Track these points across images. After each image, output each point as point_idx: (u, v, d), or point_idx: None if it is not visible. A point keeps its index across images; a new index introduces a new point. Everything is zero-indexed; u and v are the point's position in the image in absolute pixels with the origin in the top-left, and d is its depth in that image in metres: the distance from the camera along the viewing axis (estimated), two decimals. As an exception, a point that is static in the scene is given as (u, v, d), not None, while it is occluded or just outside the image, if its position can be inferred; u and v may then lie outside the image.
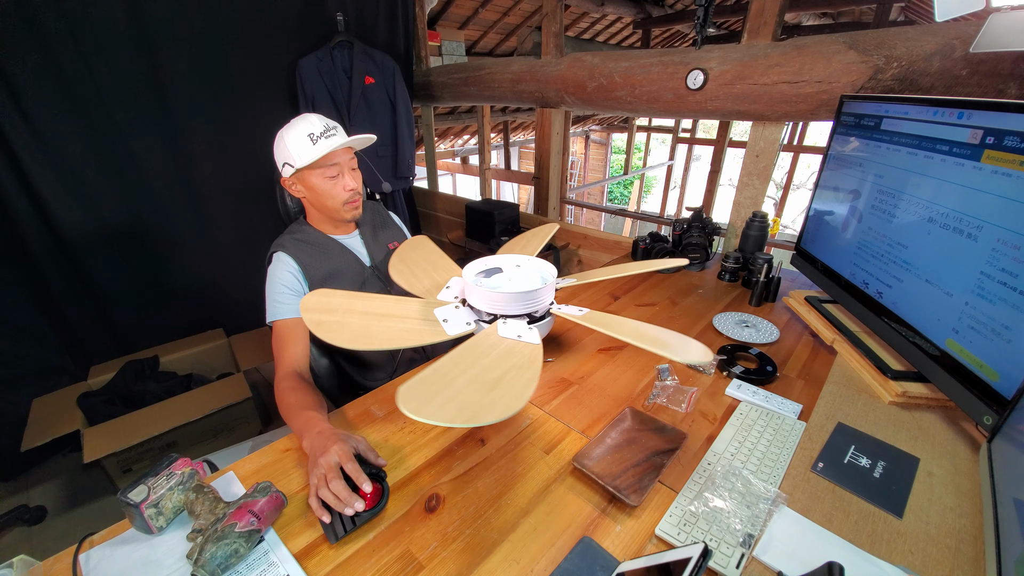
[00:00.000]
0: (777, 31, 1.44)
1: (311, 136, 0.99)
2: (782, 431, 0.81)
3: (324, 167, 1.02)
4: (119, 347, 1.96)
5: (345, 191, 1.05)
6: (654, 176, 10.23)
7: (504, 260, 0.98)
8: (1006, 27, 0.91)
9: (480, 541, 0.64)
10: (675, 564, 0.45)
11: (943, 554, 0.60)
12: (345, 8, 2.21)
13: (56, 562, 0.63)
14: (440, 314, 0.83)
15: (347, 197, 1.06)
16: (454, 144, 6.11)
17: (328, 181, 1.03)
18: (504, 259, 0.99)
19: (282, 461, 0.79)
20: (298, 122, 1.01)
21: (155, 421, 1.56)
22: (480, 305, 0.84)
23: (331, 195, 1.05)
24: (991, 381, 0.73)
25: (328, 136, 1.00)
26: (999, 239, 0.74)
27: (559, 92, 2.07)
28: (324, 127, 1.01)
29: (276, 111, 2.17)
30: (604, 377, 0.99)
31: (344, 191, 1.05)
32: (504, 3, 3.72)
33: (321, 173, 1.02)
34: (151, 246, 1.96)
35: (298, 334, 1.00)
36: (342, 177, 1.05)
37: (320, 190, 1.04)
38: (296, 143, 0.99)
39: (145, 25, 1.71)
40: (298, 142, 0.99)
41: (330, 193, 1.04)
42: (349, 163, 1.06)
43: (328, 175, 1.03)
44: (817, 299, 1.23)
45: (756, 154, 1.58)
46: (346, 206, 1.07)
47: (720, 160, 4.75)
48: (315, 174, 1.02)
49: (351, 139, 1.04)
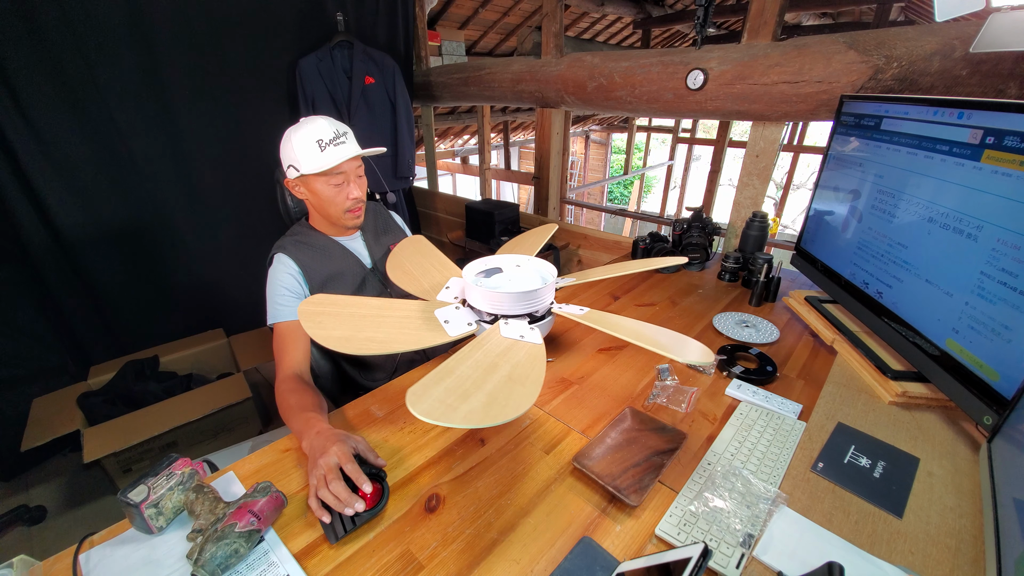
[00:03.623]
0: (777, 31, 1.44)
1: (320, 142, 0.97)
2: (782, 431, 0.81)
3: (330, 175, 1.00)
4: (119, 347, 1.96)
5: (349, 199, 1.04)
6: (654, 176, 10.23)
7: (504, 260, 0.98)
8: (1006, 27, 0.91)
9: (480, 541, 0.64)
10: (675, 564, 0.45)
11: (943, 554, 0.60)
12: (345, 8, 2.21)
13: (56, 562, 0.63)
14: (441, 315, 0.83)
15: (350, 206, 1.05)
16: (454, 144, 6.11)
17: (333, 188, 1.02)
18: (504, 259, 0.99)
19: (282, 461, 0.79)
20: (307, 124, 0.98)
21: (155, 421, 1.56)
22: (481, 305, 0.84)
23: (334, 203, 1.03)
24: (991, 381, 0.73)
25: (337, 144, 0.98)
26: (999, 239, 0.74)
27: (559, 92, 2.07)
28: (334, 133, 0.98)
29: (276, 111, 2.17)
30: (604, 377, 0.99)
31: (348, 199, 1.04)
32: (504, 3, 3.72)
33: (326, 180, 1.01)
34: (151, 246, 1.96)
35: (299, 336, 1.00)
36: (347, 186, 1.03)
37: (324, 196, 1.02)
38: (303, 147, 0.97)
39: (145, 25, 1.71)
40: (306, 146, 0.97)
41: (333, 201, 1.03)
42: (356, 171, 1.04)
43: (333, 183, 1.01)
44: (817, 299, 1.23)
45: (756, 154, 1.58)
46: (348, 214, 1.06)
47: (720, 160, 4.75)
48: (320, 180, 1.01)
49: (366, 151, 1.02)
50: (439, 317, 0.83)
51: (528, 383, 0.63)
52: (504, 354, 0.70)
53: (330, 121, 1.00)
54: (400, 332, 0.78)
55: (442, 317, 0.83)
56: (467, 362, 0.68)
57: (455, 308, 0.87)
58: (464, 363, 0.67)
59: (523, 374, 0.65)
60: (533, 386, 0.62)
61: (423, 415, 0.54)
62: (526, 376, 0.64)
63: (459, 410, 0.56)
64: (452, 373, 0.64)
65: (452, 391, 0.60)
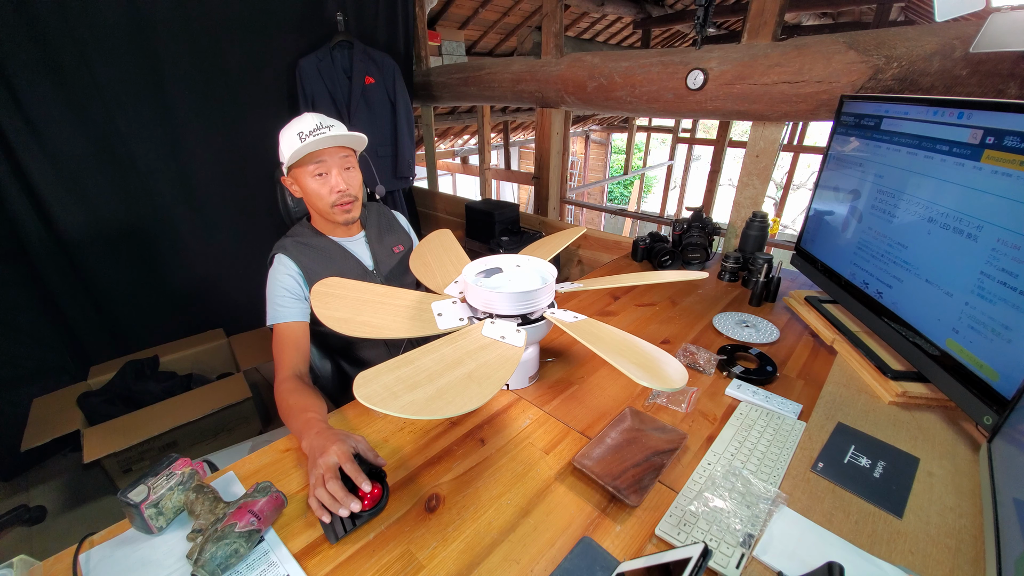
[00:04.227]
0: (777, 31, 1.44)
1: (300, 134, 0.97)
2: (782, 431, 0.81)
3: (311, 165, 0.99)
4: (119, 347, 1.96)
5: (334, 192, 1.02)
6: (654, 176, 10.23)
7: (504, 260, 0.98)
8: (1006, 27, 0.91)
9: (480, 541, 0.64)
10: (675, 564, 0.45)
11: (943, 554, 0.60)
12: (345, 8, 2.21)
13: (56, 562, 0.62)
14: (436, 308, 0.84)
15: (335, 199, 1.03)
16: (454, 144, 6.11)
17: (315, 180, 1.01)
18: (504, 259, 0.99)
19: (282, 461, 0.79)
20: (295, 121, 1.00)
21: (155, 421, 1.56)
22: (475, 303, 0.85)
23: (318, 195, 1.02)
24: (991, 381, 0.73)
25: (317, 134, 0.97)
26: (999, 239, 0.74)
27: (559, 92, 2.07)
28: (315, 125, 0.98)
29: (276, 111, 2.17)
30: (604, 377, 0.99)
31: (332, 192, 1.02)
32: (504, 3, 3.72)
33: (310, 171, 1.00)
34: (151, 246, 1.96)
35: (298, 337, 1.00)
36: (329, 176, 1.01)
37: (308, 189, 1.02)
38: (286, 141, 0.99)
39: (145, 25, 1.71)
40: (288, 140, 0.99)
41: (317, 193, 1.02)
42: (341, 162, 1.03)
43: (315, 172, 1.00)
44: (817, 299, 1.23)
45: (756, 154, 1.58)
46: (335, 208, 1.04)
47: (720, 160, 4.75)
48: (304, 172, 1.01)
49: (334, 135, 0.98)
50: (434, 309, 0.83)
51: (486, 384, 0.62)
52: (475, 352, 0.70)
53: (316, 115, 1.00)
54: (394, 319, 0.79)
55: (437, 310, 0.84)
56: (432, 355, 0.68)
57: (452, 303, 0.87)
58: (428, 355, 0.68)
59: (485, 374, 0.65)
60: (491, 387, 0.61)
61: (363, 399, 0.55)
62: (487, 377, 0.64)
63: (401, 399, 0.57)
64: (411, 363, 0.65)
65: (403, 380, 0.61)
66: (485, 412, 0.89)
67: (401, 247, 1.23)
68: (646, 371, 0.67)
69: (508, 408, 0.90)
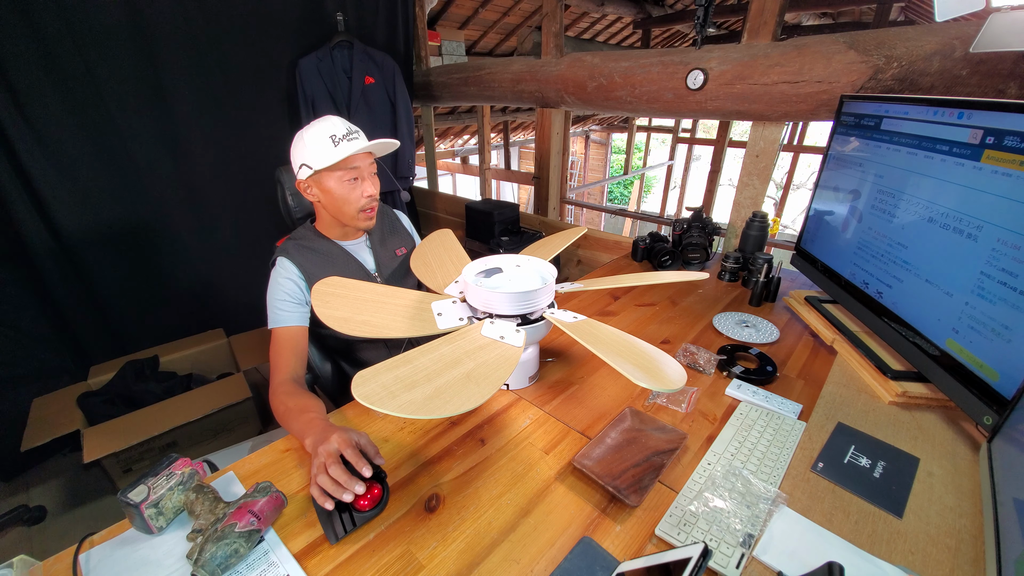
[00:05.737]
0: (777, 31, 1.44)
1: (333, 138, 0.96)
2: (782, 431, 0.81)
3: (344, 170, 0.99)
4: (119, 347, 1.96)
5: (364, 197, 1.02)
6: (654, 176, 10.22)
7: (504, 260, 0.98)
8: (1006, 27, 0.91)
9: (480, 541, 0.64)
10: (675, 564, 0.45)
11: (943, 554, 0.60)
12: (345, 8, 2.21)
13: (56, 562, 0.62)
14: (436, 308, 0.84)
15: (364, 204, 1.03)
16: (454, 144, 6.11)
17: (346, 185, 1.01)
18: (504, 259, 0.99)
19: (282, 461, 0.79)
20: (319, 123, 0.98)
21: (155, 421, 1.56)
22: (475, 303, 0.85)
23: (348, 200, 1.02)
24: (991, 381, 0.73)
25: (350, 139, 0.98)
26: (999, 239, 0.74)
27: (559, 92, 2.07)
28: (347, 130, 0.98)
29: (276, 111, 2.17)
30: (604, 377, 0.99)
31: (363, 197, 1.02)
32: (504, 3, 3.72)
33: (340, 176, 0.99)
34: (151, 246, 1.96)
35: (297, 342, 1.00)
36: (361, 182, 1.02)
37: (337, 194, 1.01)
38: (316, 143, 0.96)
39: (145, 25, 1.71)
40: (318, 143, 0.96)
41: (347, 198, 1.02)
42: (369, 168, 1.04)
43: (348, 178, 1.00)
44: (817, 299, 1.23)
45: (756, 154, 1.58)
46: (362, 214, 1.04)
47: (720, 160, 4.75)
48: (334, 177, 0.99)
49: (373, 143, 1.01)
50: (434, 309, 0.83)
51: (485, 384, 0.62)
52: (474, 352, 0.70)
53: (342, 120, 1.00)
54: (394, 319, 0.79)
55: (437, 309, 0.84)
56: (431, 355, 0.68)
57: (452, 302, 0.87)
58: (427, 355, 0.68)
59: (484, 374, 0.65)
60: (489, 388, 0.61)
61: (361, 398, 0.56)
62: (486, 376, 0.64)
63: (399, 398, 0.57)
64: (410, 363, 0.65)
65: (401, 379, 0.61)
66: (485, 412, 0.89)
67: (403, 249, 1.23)
68: (645, 372, 0.67)
69: (508, 408, 0.90)
